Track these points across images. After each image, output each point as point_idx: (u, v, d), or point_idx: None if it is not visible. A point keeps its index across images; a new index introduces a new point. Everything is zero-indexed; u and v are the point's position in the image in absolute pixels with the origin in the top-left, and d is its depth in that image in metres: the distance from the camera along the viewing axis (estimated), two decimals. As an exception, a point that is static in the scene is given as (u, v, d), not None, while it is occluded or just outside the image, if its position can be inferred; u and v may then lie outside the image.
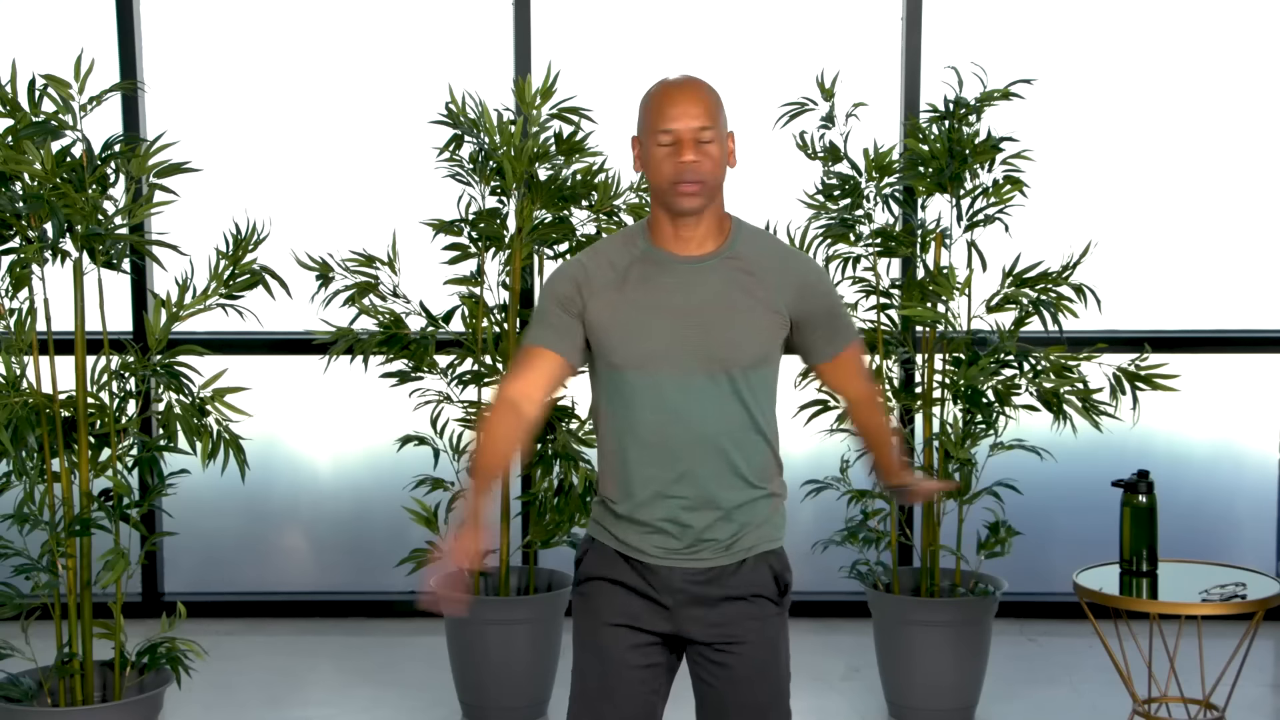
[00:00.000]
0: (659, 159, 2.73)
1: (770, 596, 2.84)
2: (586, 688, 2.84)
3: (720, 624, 2.81)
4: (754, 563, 2.83)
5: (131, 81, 5.27)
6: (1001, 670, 4.95)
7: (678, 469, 2.76)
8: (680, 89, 2.73)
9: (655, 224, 2.80)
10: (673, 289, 2.76)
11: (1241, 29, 5.54)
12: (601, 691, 2.82)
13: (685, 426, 2.75)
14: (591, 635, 2.84)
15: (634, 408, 2.77)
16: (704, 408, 2.74)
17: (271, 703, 4.87)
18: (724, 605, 2.81)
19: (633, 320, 2.76)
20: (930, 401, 4.65)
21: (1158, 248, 5.59)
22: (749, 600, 2.82)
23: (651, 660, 2.83)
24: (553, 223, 4.64)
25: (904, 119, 5.39)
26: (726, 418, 2.76)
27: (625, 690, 2.81)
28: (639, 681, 2.82)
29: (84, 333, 3.80)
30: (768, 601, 2.83)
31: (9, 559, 3.84)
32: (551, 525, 4.68)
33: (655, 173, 2.74)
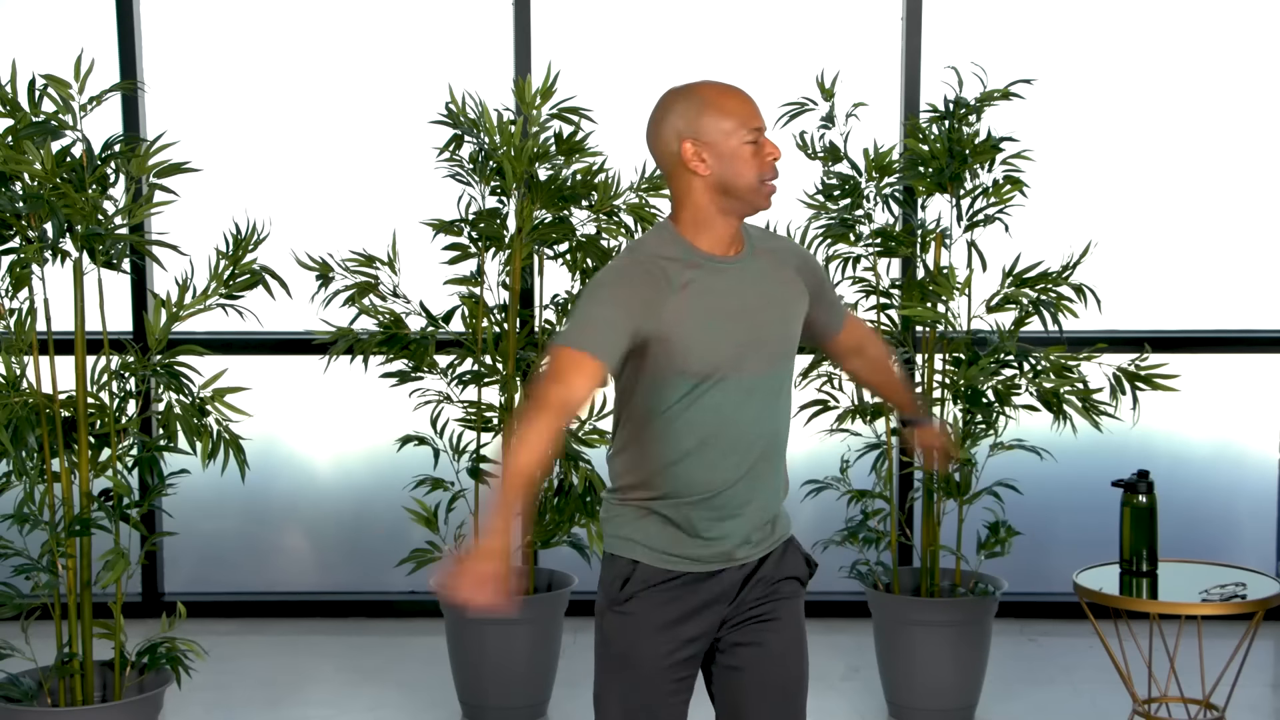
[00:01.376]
0: (746, 157, 2.71)
1: (802, 578, 2.90)
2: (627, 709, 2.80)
3: (753, 606, 2.83)
4: (784, 547, 2.89)
5: (131, 81, 5.27)
6: (1001, 670, 4.95)
7: (743, 470, 2.77)
8: (742, 90, 2.77)
9: (700, 225, 2.75)
10: (728, 291, 2.75)
11: (1241, 29, 5.54)
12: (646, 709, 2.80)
13: (751, 427, 2.76)
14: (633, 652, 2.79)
15: (703, 414, 2.73)
16: (766, 406, 2.78)
17: (271, 703, 4.87)
18: (760, 587, 2.84)
19: (701, 326, 2.70)
20: (930, 401, 4.65)
21: (1158, 248, 5.59)
22: (785, 581, 2.86)
23: (691, 671, 2.83)
24: (553, 223, 4.64)
25: (904, 119, 5.39)
26: (782, 412, 2.82)
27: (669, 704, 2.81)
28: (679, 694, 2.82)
29: (84, 333, 3.80)
30: (797, 583, 2.89)
31: (9, 559, 3.84)
32: (551, 525, 4.68)
33: (742, 171, 2.71)
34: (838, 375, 4.70)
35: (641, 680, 2.78)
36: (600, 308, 2.66)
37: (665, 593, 2.77)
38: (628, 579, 2.78)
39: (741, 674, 2.83)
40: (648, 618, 2.77)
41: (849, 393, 4.71)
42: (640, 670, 2.78)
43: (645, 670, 2.77)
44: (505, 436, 2.75)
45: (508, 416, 4.64)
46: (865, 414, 4.67)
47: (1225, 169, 5.58)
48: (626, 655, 2.78)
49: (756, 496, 2.80)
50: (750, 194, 2.73)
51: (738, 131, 2.71)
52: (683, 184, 2.75)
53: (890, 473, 4.72)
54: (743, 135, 2.71)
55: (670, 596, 2.77)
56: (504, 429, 4.66)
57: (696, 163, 2.71)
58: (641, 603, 2.77)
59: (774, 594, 2.84)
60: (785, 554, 2.88)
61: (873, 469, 4.72)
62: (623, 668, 2.79)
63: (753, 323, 2.75)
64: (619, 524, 2.82)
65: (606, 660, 2.82)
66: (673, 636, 2.77)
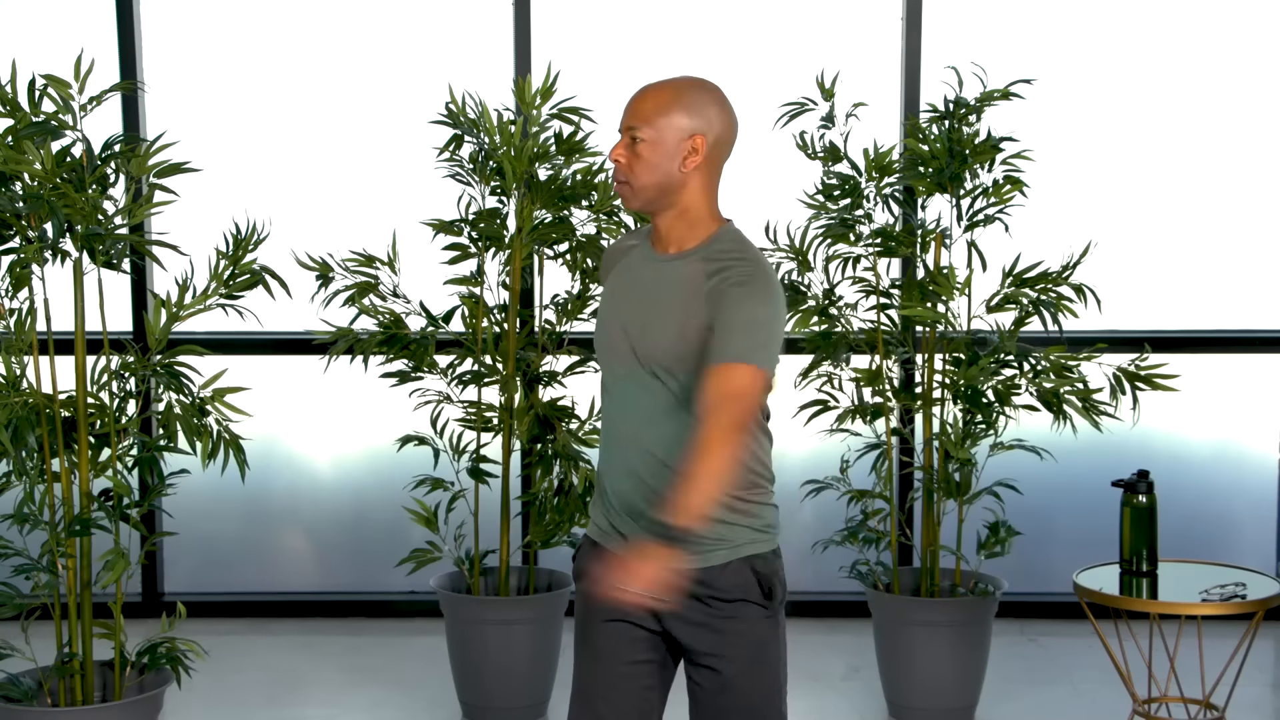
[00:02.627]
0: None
1: (755, 600, 2.76)
2: (583, 684, 2.85)
3: (705, 624, 2.76)
4: (737, 566, 2.76)
5: (131, 81, 5.27)
6: (1001, 670, 4.95)
7: (619, 459, 2.79)
8: (643, 88, 2.75)
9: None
10: (637, 284, 2.79)
11: (1241, 29, 5.54)
12: (597, 688, 2.82)
13: (624, 423, 2.77)
14: (586, 631, 2.85)
15: (605, 397, 2.85)
16: (636, 407, 2.74)
17: (271, 703, 4.87)
18: (707, 607, 2.75)
19: (604, 309, 2.84)
20: (930, 401, 4.65)
21: (1158, 248, 5.59)
22: (734, 603, 2.76)
23: (645, 656, 2.82)
24: (553, 223, 4.64)
25: (904, 119, 5.39)
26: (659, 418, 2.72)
27: (620, 686, 2.81)
28: (632, 677, 2.81)
29: (84, 333, 3.80)
30: (753, 605, 2.76)
31: (9, 559, 3.84)
32: (551, 525, 4.68)
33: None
34: (837, 375, 4.70)
35: (594, 657, 2.83)
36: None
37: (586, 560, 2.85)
38: (577, 551, 2.92)
39: (701, 692, 2.82)
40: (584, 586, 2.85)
41: (849, 393, 4.71)
42: (592, 648, 2.83)
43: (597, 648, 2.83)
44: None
45: (508, 417, 4.64)
46: (865, 414, 4.67)
47: (1225, 169, 5.58)
48: (581, 633, 2.86)
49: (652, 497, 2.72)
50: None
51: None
52: None
53: (890, 473, 4.72)
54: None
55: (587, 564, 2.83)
56: (502, 429, 4.67)
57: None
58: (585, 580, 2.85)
59: (725, 615, 2.75)
60: (725, 572, 2.74)
61: (873, 469, 4.72)
62: (579, 645, 2.87)
63: (640, 319, 2.74)
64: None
65: (574, 637, 2.91)
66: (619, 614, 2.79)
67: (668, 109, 2.69)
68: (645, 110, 2.71)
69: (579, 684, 2.86)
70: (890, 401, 4.70)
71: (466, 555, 4.74)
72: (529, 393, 4.74)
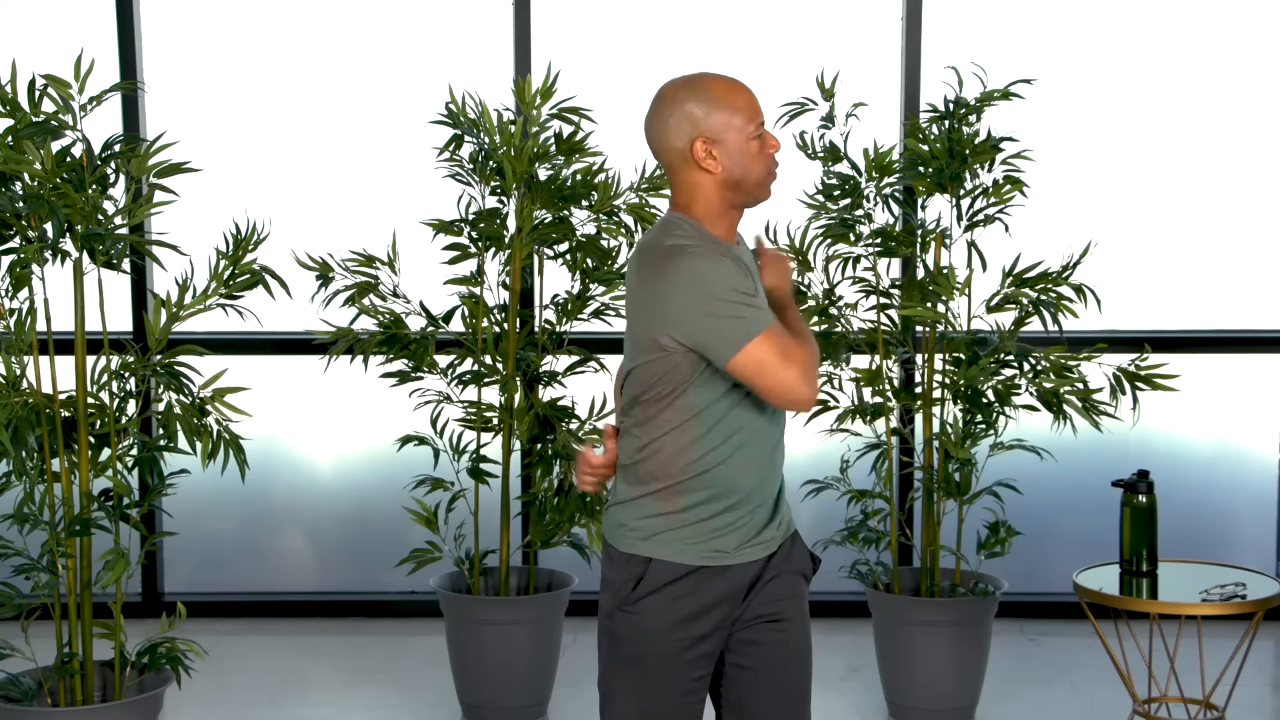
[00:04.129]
0: (754, 152, 2.74)
1: (808, 574, 2.89)
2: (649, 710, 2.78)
3: (771, 600, 2.81)
4: (791, 541, 2.87)
5: (131, 81, 5.27)
6: (1001, 670, 4.95)
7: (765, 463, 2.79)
8: (743, 83, 2.79)
9: (711, 219, 2.76)
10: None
11: (1241, 29, 5.54)
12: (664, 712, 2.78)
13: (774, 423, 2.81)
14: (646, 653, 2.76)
15: (744, 406, 2.74)
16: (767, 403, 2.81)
17: (271, 703, 4.87)
18: (771, 586, 2.81)
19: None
20: (930, 401, 4.65)
21: (1158, 248, 5.59)
22: (794, 579, 2.85)
23: (705, 671, 2.81)
24: (553, 223, 4.64)
25: (904, 119, 5.39)
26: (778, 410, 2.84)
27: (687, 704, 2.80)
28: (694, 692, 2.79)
29: (84, 333, 3.80)
30: (804, 580, 2.88)
31: (9, 559, 3.84)
32: (551, 525, 4.68)
33: (751, 165, 2.74)
34: (838, 375, 4.71)
35: (656, 680, 2.75)
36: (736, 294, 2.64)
37: (676, 589, 2.73)
38: (640, 578, 2.75)
39: (752, 673, 2.81)
40: (660, 616, 2.73)
41: (849, 393, 4.71)
42: (654, 670, 2.75)
43: (659, 670, 2.75)
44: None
45: (508, 417, 4.64)
46: (865, 414, 4.67)
47: (1225, 169, 5.58)
48: (639, 656, 2.75)
49: (771, 489, 2.82)
50: (758, 189, 2.77)
51: (746, 128, 2.73)
52: (691, 180, 2.75)
53: (890, 473, 4.72)
54: (750, 131, 2.73)
55: (681, 593, 2.73)
56: (502, 429, 4.67)
57: (709, 160, 2.72)
58: (653, 601, 2.73)
59: (784, 592, 2.82)
60: (794, 549, 2.87)
61: (873, 469, 4.72)
62: (636, 669, 2.76)
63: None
64: (636, 520, 2.77)
65: (617, 661, 2.78)
66: (685, 635, 2.74)
67: None
68: None
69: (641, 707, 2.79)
70: (890, 401, 4.70)
71: (466, 555, 4.74)
72: (529, 393, 4.75)
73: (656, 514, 2.75)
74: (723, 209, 2.76)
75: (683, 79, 2.77)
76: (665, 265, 2.65)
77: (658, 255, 2.68)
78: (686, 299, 2.62)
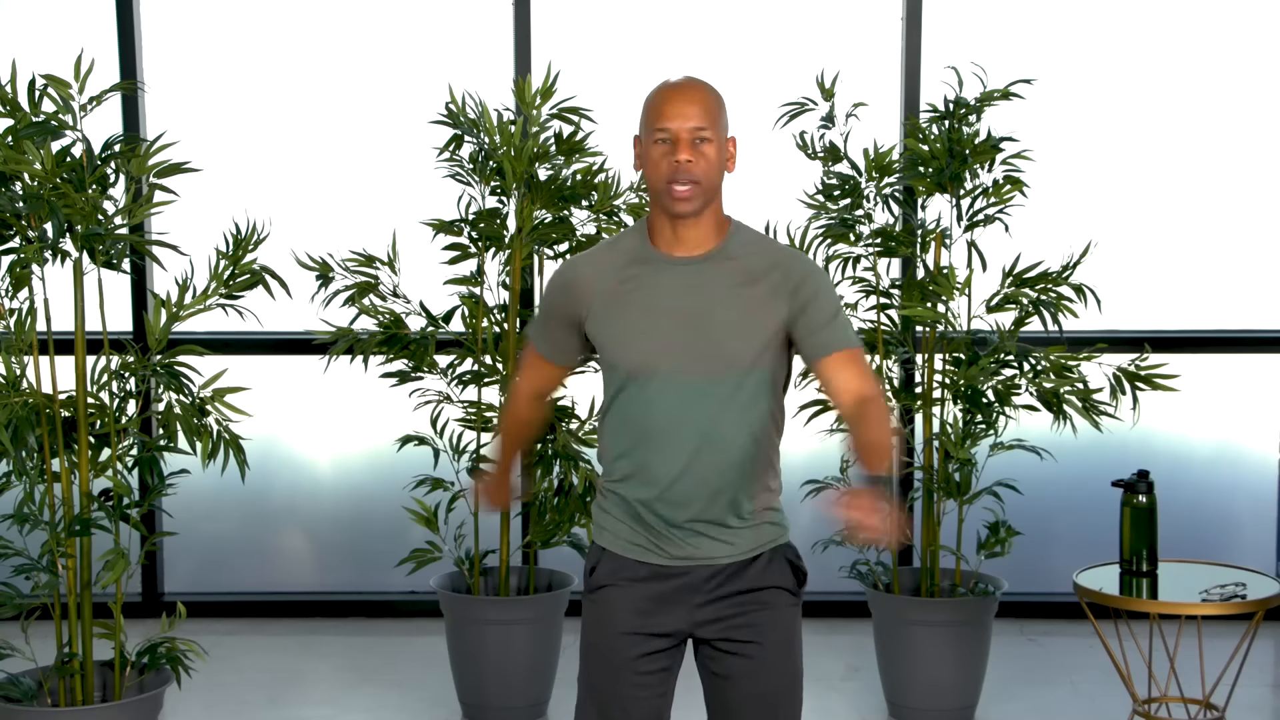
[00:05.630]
0: (655, 159, 2.71)
1: (788, 588, 2.85)
2: (597, 693, 2.83)
3: (735, 615, 2.81)
4: (769, 555, 2.84)
5: (131, 81, 5.27)
6: (1001, 670, 4.95)
7: (679, 470, 2.75)
8: (680, 89, 2.72)
9: (654, 225, 2.79)
10: (666, 290, 2.76)
11: (1241, 29, 5.54)
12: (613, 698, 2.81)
13: (685, 428, 2.74)
14: (602, 643, 2.83)
15: (638, 408, 2.77)
16: (703, 410, 2.74)
17: (271, 703, 4.87)
18: (740, 598, 2.81)
19: (629, 323, 2.76)
20: (930, 401, 4.65)
21: (1158, 248, 5.59)
22: (768, 590, 2.83)
23: (661, 665, 2.83)
24: (553, 223, 4.64)
25: (904, 119, 5.39)
26: (725, 419, 2.75)
27: (636, 695, 2.81)
28: (648, 685, 2.82)
29: (84, 333, 3.80)
30: (785, 593, 2.85)
31: (9, 559, 3.84)
32: (551, 525, 4.68)
33: (652, 173, 2.72)
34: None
35: (606, 668, 2.82)
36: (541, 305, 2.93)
37: (632, 582, 2.81)
38: (596, 566, 2.87)
39: (727, 682, 2.84)
40: (616, 606, 2.81)
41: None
42: (606, 659, 2.82)
43: (610, 659, 2.81)
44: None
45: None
46: (865, 414, 4.66)
47: (1225, 169, 5.58)
48: (595, 644, 2.84)
49: (704, 499, 2.77)
50: (659, 196, 2.74)
51: (652, 132, 2.72)
52: None
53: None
54: (653, 135, 2.72)
55: (636, 587, 2.81)
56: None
57: (637, 161, 2.80)
58: (610, 592, 2.83)
59: (758, 603, 2.81)
60: (771, 562, 2.84)
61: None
62: (591, 655, 2.85)
63: (692, 324, 2.74)
64: (596, 511, 2.91)
65: (581, 648, 2.90)
66: (639, 626, 2.80)
67: (721, 109, 2.75)
68: (709, 111, 2.71)
69: (592, 692, 2.84)
70: (890, 401, 4.70)
71: (466, 555, 4.74)
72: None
73: (601, 503, 2.90)
74: (656, 212, 2.79)
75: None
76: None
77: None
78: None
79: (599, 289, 2.79)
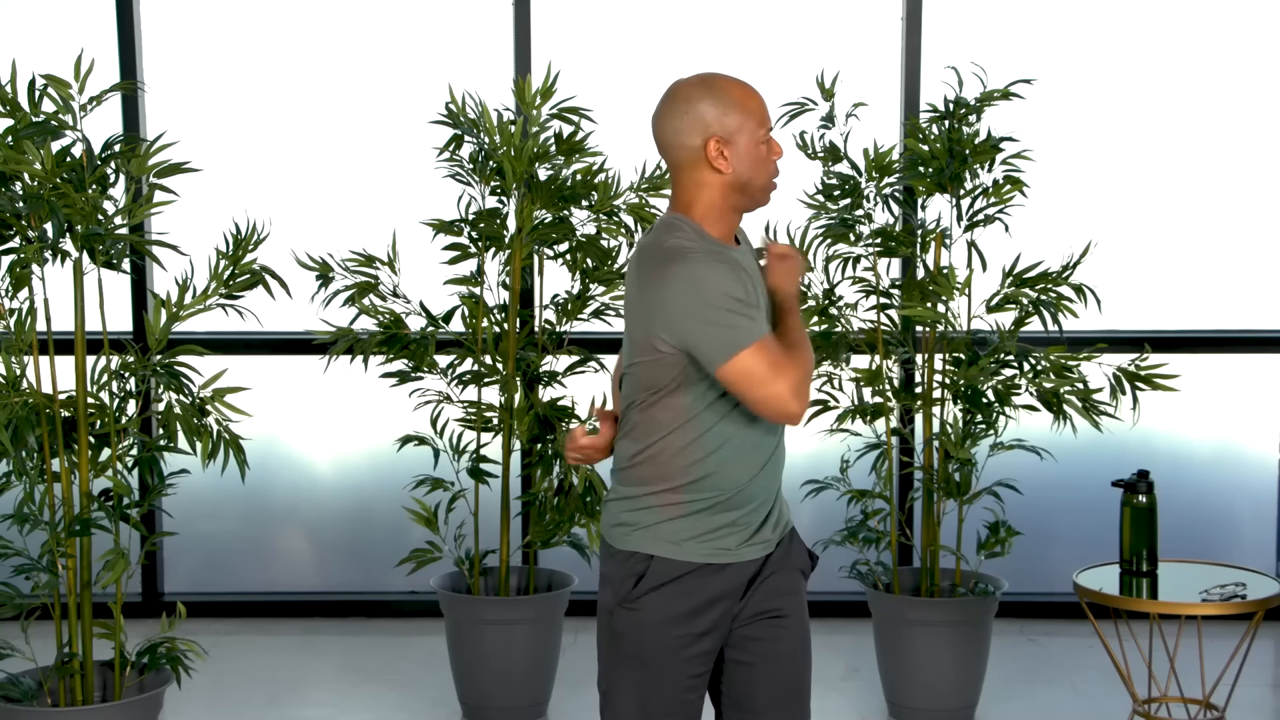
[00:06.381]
0: (763, 156, 2.76)
1: (806, 571, 2.90)
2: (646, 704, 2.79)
3: (770, 596, 2.82)
4: (790, 538, 2.88)
5: (131, 81, 5.27)
6: (1001, 670, 4.95)
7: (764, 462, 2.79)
8: (754, 87, 2.80)
9: (711, 219, 2.76)
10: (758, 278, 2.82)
11: (1241, 29, 5.54)
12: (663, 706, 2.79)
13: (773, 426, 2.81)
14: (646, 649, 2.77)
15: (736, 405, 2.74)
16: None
17: (271, 703, 4.87)
18: (770, 582, 2.83)
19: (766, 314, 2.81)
20: (930, 401, 4.65)
21: (1158, 248, 5.59)
22: (793, 575, 2.86)
23: (706, 668, 2.82)
24: (553, 223, 4.64)
25: (904, 119, 5.39)
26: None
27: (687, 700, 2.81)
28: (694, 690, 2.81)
29: (84, 333, 3.80)
30: (802, 576, 2.89)
31: (9, 559, 3.84)
32: (551, 525, 4.68)
33: (759, 169, 2.76)
34: (837, 375, 4.71)
35: (657, 677, 2.77)
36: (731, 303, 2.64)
37: (678, 586, 2.75)
38: (642, 575, 2.76)
39: (752, 669, 2.83)
40: (661, 612, 2.75)
41: (849, 393, 4.71)
42: (654, 666, 2.76)
43: (659, 666, 2.76)
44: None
45: (508, 417, 4.64)
46: (865, 414, 4.67)
47: (1225, 169, 5.58)
48: (639, 652, 2.77)
49: (771, 490, 2.83)
50: (762, 193, 2.80)
51: (758, 131, 2.75)
52: (698, 179, 2.75)
53: (890, 473, 4.72)
54: (761, 135, 2.75)
55: (682, 591, 2.75)
56: (502, 429, 4.67)
57: (720, 160, 2.73)
58: (654, 598, 2.75)
59: (782, 588, 2.83)
60: (792, 546, 2.88)
61: (873, 469, 4.72)
62: (636, 665, 2.78)
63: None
64: (637, 519, 2.77)
65: (617, 658, 2.80)
66: (685, 631, 2.76)
67: None
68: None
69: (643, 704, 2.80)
70: (890, 401, 4.70)
71: (466, 555, 4.74)
72: (529, 393, 4.75)
73: (657, 513, 2.75)
74: (724, 210, 2.76)
75: (697, 77, 2.78)
76: (665, 268, 2.65)
77: (658, 257, 2.68)
78: (682, 303, 2.63)
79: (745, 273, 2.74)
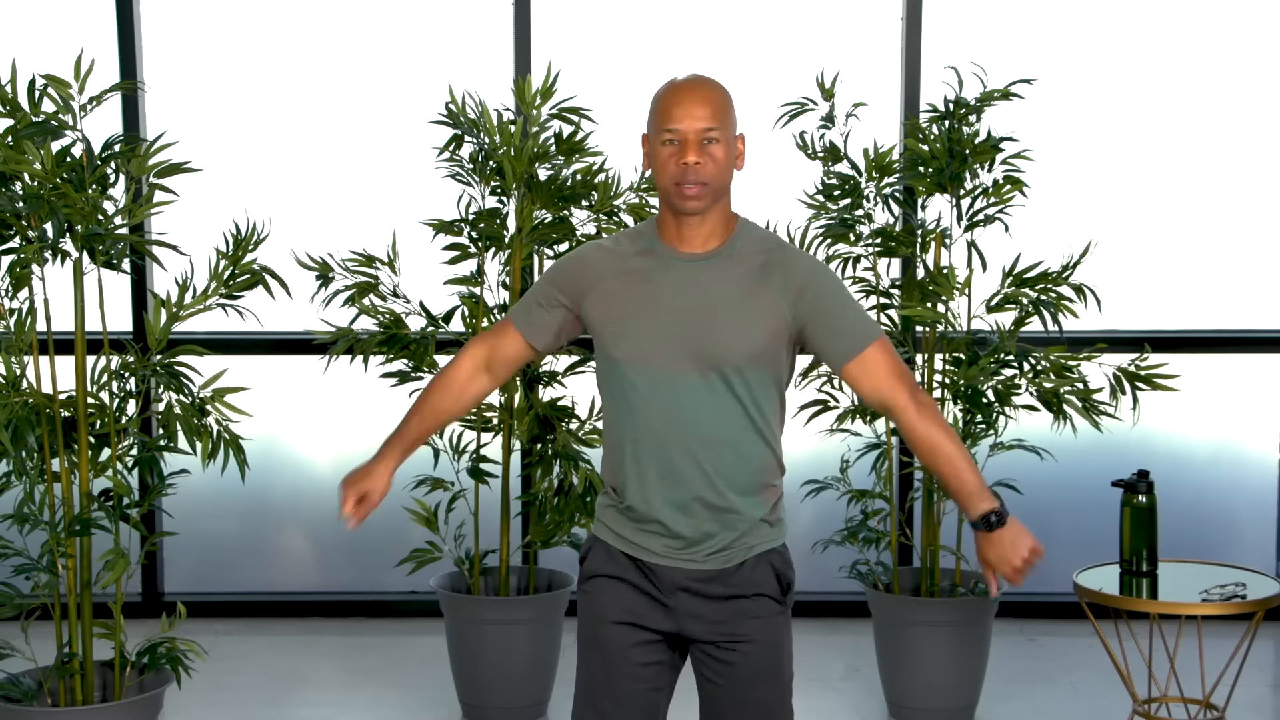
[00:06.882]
0: (664, 159, 2.73)
1: (773, 595, 2.83)
2: (590, 685, 2.85)
3: (722, 622, 2.81)
4: (755, 562, 2.82)
5: (131, 81, 5.27)
6: (1001, 670, 4.95)
7: (668, 466, 2.76)
8: (688, 89, 2.73)
9: (662, 221, 2.82)
10: (670, 285, 2.77)
11: (1241, 29, 5.54)
12: (605, 689, 2.83)
13: (678, 424, 2.75)
14: (595, 633, 2.85)
15: (630, 402, 2.78)
16: (697, 406, 2.74)
17: (271, 703, 4.87)
18: (726, 603, 2.81)
19: (629, 315, 2.77)
20: (930, 401, 4.64)
21: (1158, 248, 5.59)
22: (751, 599, 2.81)
23: (654, 658, 2.84)
24: (553, 223, 4.64)
25: (904, 119, 5.39)
26: (720, 417, 2.75)
27: (628, 688, 2.82)
28: (641, 679, 2.83)
29: (84, 333, 3.80)
30: (770, 600, 2.83)
31: (9, 559, 3.84)
32: (551, 525, 4.68)
33: (660, 172, 2.74)
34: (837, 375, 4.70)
35: (602, 660, 2.84)
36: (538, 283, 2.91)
37: (620, 575, 2.83)
38: (588, 552, 2.89)
39: (717, 688, 2.86)
40: (605, 597, 2.84)
41: (849, 393, 4.71)
42: (600, 650, 2.84)
43: (605, 651, 2.83)
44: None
45: (507, 417, 4.64)
46: (865, 414, 4.67)
47: (1225, 169, 5.58)
48: (590, 635, 2.87)
49: (691, 499, 2.78)
50: (667, 195, 2.76)
51: (660, 132, 2.74)
52: None
53: (890, 473, 4.72)
54: (662, 136, 2.74)
55: (623, 580, 2.83)
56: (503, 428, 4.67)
57: (645, 160, 2.81)
58: (600, 583, 2.85)
59: (743, 611, 2.81)
60: (754, 568, 2.82)
61: (873, 469, 4.72)
62: (587, 647, 2.88)
63: (691, 320, 2.74)
64: (596, 508, 2.94)
65: (578, 640, 2.92)
66: (629, 617, 2.82)
67: (729, 107, 2.76)
68: (717, 110, 2.73)
69: (586, 684, 2.87)
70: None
71: (466, 555, 4.74)
72: (529, 393, 4.74)
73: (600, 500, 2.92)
74: (663, 210, 2.81)
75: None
76: None
77: None
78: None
79: (605, 272, 2.81)
